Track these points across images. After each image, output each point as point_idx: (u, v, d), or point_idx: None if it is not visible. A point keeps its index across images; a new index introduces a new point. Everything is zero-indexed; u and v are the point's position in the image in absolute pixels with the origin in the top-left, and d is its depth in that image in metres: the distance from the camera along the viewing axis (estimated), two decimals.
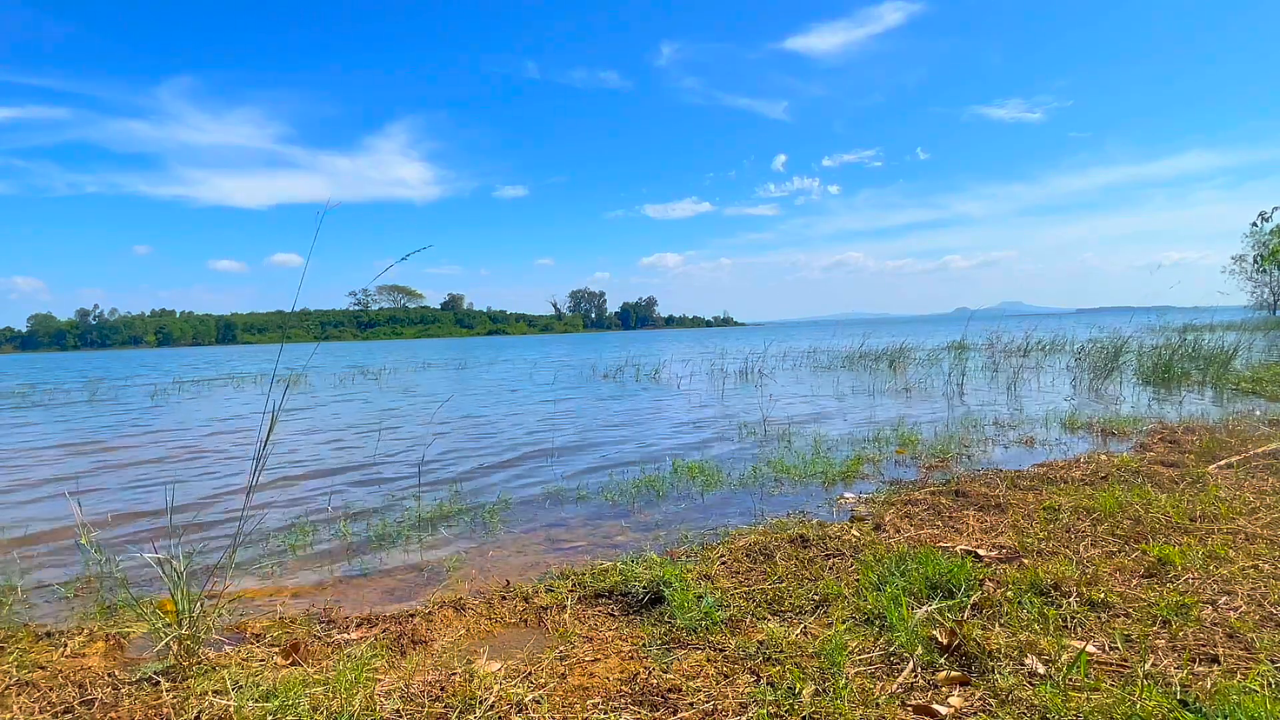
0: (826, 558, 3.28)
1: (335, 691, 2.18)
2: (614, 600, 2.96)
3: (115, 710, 2.17)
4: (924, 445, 6.33)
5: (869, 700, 2.02)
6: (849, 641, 2.36)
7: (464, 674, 2.29)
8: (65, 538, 4.45)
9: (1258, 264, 53.52)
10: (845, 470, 5.40)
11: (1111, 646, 2.27)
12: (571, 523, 4.47)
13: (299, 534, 4.37)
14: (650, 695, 2.13)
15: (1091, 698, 1.96)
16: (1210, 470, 4.62)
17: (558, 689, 2.20)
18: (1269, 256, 50.07)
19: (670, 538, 3.98)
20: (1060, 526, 3.55)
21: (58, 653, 2.62)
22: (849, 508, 4.33)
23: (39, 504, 5.50)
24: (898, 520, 3.85)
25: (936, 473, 5.24)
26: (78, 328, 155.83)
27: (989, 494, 4.26)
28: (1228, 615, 2.44)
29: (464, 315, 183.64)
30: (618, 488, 5.25)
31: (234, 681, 2.27)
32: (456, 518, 4.63)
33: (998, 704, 1.98)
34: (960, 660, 2.23)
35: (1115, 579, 2.81)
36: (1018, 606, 2.57)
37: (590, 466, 6.26)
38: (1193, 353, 11.82)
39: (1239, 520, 3.47)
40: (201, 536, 4.36)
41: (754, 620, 2.63)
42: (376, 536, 4.27)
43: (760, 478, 5.37)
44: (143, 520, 4.90)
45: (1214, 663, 2.15)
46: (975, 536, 3.50)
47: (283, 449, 7.69)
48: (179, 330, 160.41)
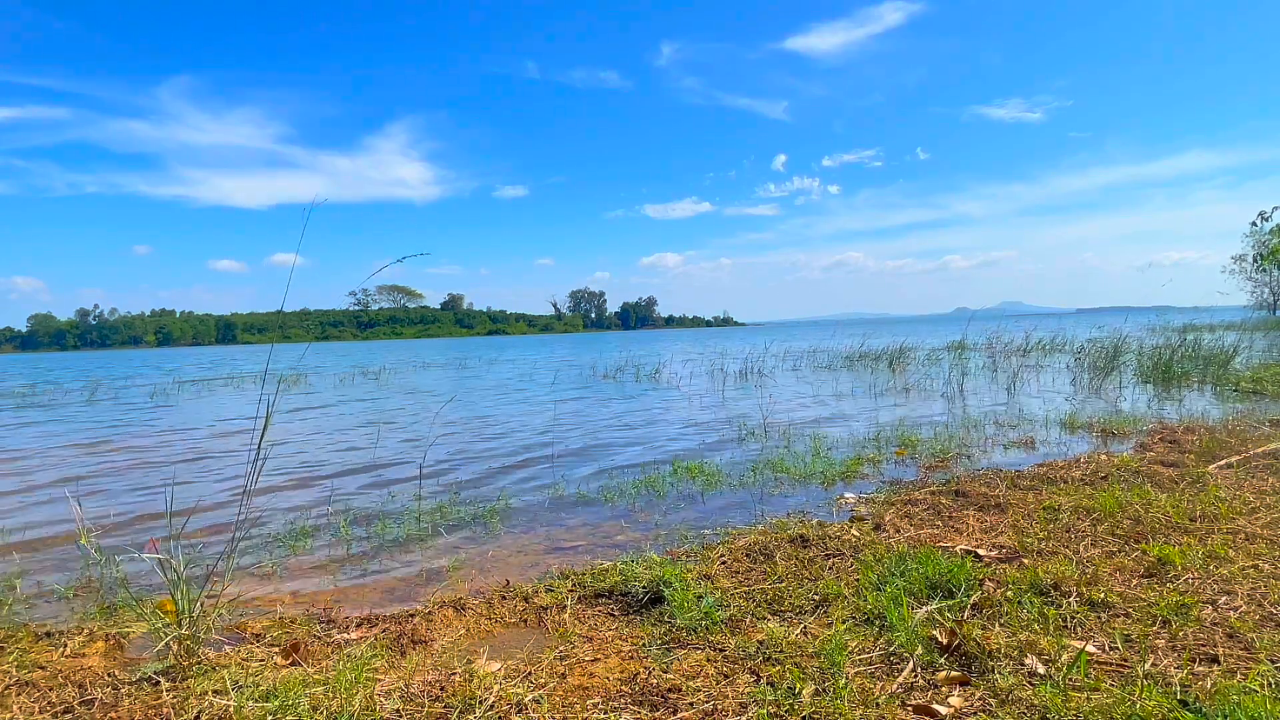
0: (826, 558, 3.28)
1: (335, 691, 2.18)
2: (614, 600, 2.96)
3: (115, 710, 2.17)
4: (924, 445, 6.33)
5: (869, 700, 2.02)
6: (849, 641, 2.36)
7: (464, 674, 2.29)
8: (65, 538, 4.45)
9: (1258, 264, 53.53)
10: (845, 470, 5.40)
11: (1111, 646, 2.27)
12: (571, 523, 4.47)
13: (299, 534, 4.37)
14: (650, 695, 2.13)
15: (1091, 698, 1.96)
16: (1210, 470, 4.62)
17: (558, 689, 2.20)
18: (1269, 256, 50.08)
19: (670, 538, 3.98)
20: (1060, 526, 3.55)
21: (58, 653, 2.62)
22: (849, 508, 4.33)
23: (39, 504, 5.50)
24: (898, 520, 3.85)
25: (936, 472, 5.24)
26: (78, 328, 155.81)
27: (989, 494, 4.26)
28: (1228, 615, 2.44)
29: (464, 315, 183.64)
30: (618, 488, 5.25)
31: (234, 681, 2.27)
32: (456, 518, 4.63)
33: (998, 704, 1.98)
34: (960, 660, 2.23)
35: (1115, 579, 2.81)
36: (1018, 606, 2.57)
37: (590, 466, 6.26)
38: (1193, 353, 11.82)
39: (1239, 520, 3.47)
40: (202, 537, 4.36)
41: (754, 620, 2.63)
42: (376, 537, 4.27)
43: (760, 478, 5.37)
44: (142, 520, 4.90)
45: (1214, 663, 2.15)
46: (975, 536, 3.50)
47: (283, 449, 7.69)
48: (179, 330, 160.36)
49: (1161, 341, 12.46)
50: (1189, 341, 12.13)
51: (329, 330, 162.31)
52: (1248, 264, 55.18)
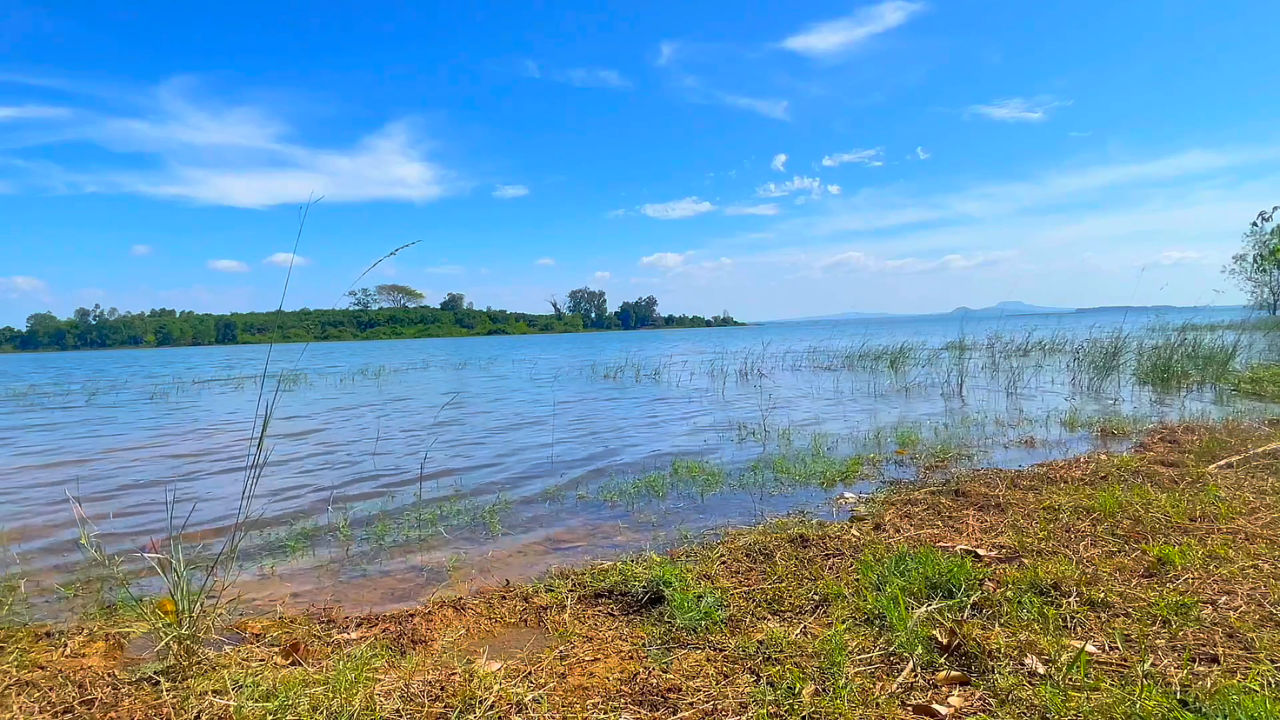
0: (826, 557, 3.28)
1: (335, 691, 2.18)
2: (614, 600, 2.96)
3: (115, 710, 2.17)
4: (924, 445, 6.33)
5: (869, 700, 2.02)
6: (849, 641, 2.36)
7: (464, 674, 2.29)
8: (65, 538, 4.45)
9: (1258, 264, 53.57)
10: (845, 470, 5.40)
11: (1111, 646, 2.27)
12: (571, 523, 4.47)
13: (299, 534, 4.37)
14: (650, 695, 2.13)
15: (1091, 697, 1.96)
16: (1210, 470, 4.62)
17: (557, 689, 2.20)
18: (1269, 256, 50.10)
19: (670, 538, 3.98)
20: (1060, 526, 3.55)
21: (58, 652, 2.62)
22: (849, 507, 4.33)
23: (39, 504, 5.49)
24: (898, 520, 3.85)
25: (936, 472, 5.24)
26: (77, 327, 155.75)
27: (989, 494, 4.26)
28: (1228, 615, 2.44)
29: (464, 315, 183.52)
30: (618, 488, 5.25)
31: (234, 681, 2.27)
32: (456, 518, 4.63)
33: (998, 704, 1.98)
34: (960, 660, 2.23)
35: (1115, 579, 2.81)
36: (1017, 606, 2.57)
37: (590, 466, 6.26)
38: (1192, 352, 11.82)
39: (1239, 520, 3.47)
40: (202, 537, 4.36)
41: (754, 620, 2.63)
42: (376, 536, 4.27)
43: (760, 477, 5.37)
44: (142, 520, 4.90)
45: (1214, 662, 2.15)
46: (975, 536, 3.50)
47: (283, 449, 7.69)
48: (179, 330, 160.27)
49: (1161, 341, 12.46)
50: (1189, 341, 12.13)
51: (329, 330, 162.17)
52: (1248, 264, 55.23)
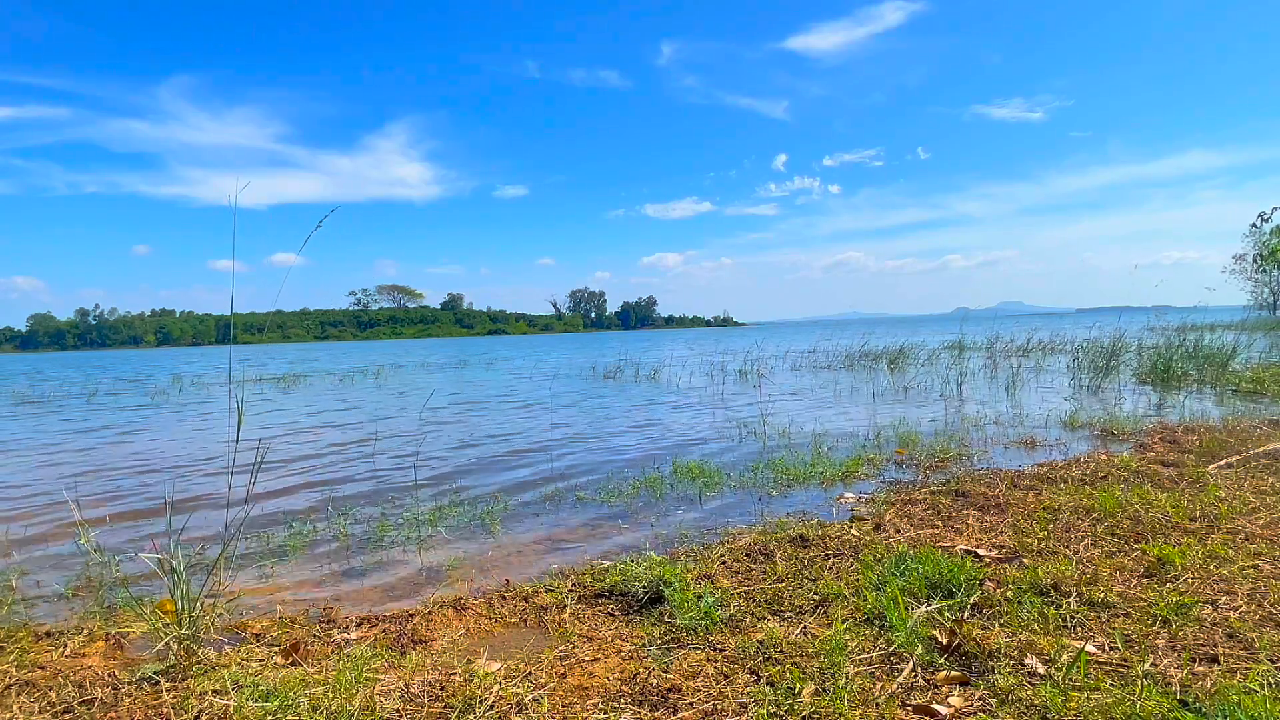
0: (826, 557, 3.28)
1: (335, 691, 2.18)
2: (614, 600, 2.96)
3: (115, 710, 2.17)
4: (924, 445, 6.33)
5: (869, 700, 2.02)
6: (849, 641, 2.36)
7: (464, 674, 2.29)
8: (65, 538, 4.45)
9: (1258, 264, 53.57)
10: (845, 470, 5.40)
11: (1111, 646, 2.27)
12: (571, 522, 4.46)
13: (299, 534, 4.37)
14: (650, 695, 2.13)
15: (1091, 697, 1.96)
16: (1210, 470, 4.62)
17: (557, 689, 2.20)
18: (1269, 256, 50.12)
19: (670, 537, 3.98)
20: (1060, 526, 3.55)
21: (58, 652, 2.62)
22: (849, 507, 4.33)
23: (39, 504, 5.49)
24: (898, 520, 3.85)
25: (936, 472, 5.24)
26: (77, 327, 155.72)
27: (989, 494, 4.26)
28: (1228, 615, 2.44)
29: (464, 315, 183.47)
30: (617, 487, 5.25)
31: (234, 681, 2.27)
32: (456, 518, 4.63)
33: (998, 704, 1.98)
34: (960, 660, 2.23)
35: (1115, 579, 2.81)
36: (1017, 606, 2.57)
37: (590, 466, 6.26)
38: (1192, 352, 11.82)
39: (1239, 520, 3.47)
40: (202, 537, 4.36)
41: (754, 620, 2.63)
42: (376, 536, 4.27)
43: (760, 477, 5.37)
44: (143, 520, 4.90)
45: (1214, 662, 2.15)
46: (975, 536, 3.50)
47: (283, 449, 7.70)
48: (179, 330, 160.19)
49: (1161, 341, 12.47)
50: (1188, 341, 12.13)
51: (329, 330, 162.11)
52: (1248, 264, 55.24)
